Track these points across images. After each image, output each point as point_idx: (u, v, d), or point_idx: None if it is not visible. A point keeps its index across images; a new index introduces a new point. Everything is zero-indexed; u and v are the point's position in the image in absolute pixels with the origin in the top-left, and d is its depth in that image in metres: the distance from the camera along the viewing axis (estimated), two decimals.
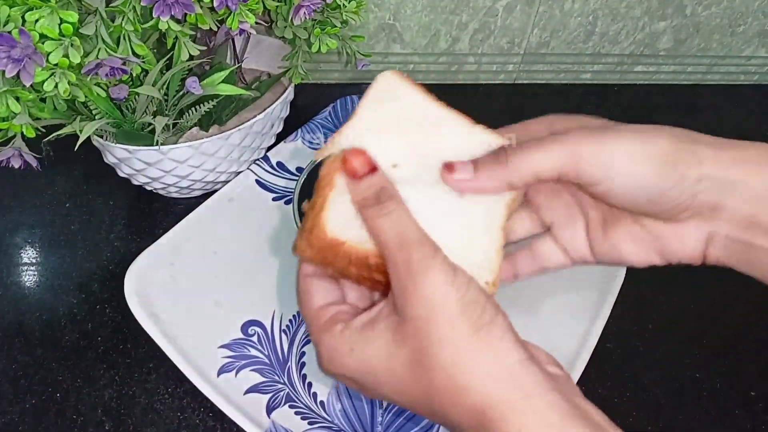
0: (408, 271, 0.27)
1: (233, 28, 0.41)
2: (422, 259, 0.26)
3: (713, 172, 0.27)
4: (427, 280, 0.26)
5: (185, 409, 0.43)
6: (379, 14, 0.63)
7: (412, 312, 0.26)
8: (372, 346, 0.27)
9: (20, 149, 0.42)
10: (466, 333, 0.25)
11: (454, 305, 0.26)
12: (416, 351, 0.26)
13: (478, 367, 0.25)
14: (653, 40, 0.69)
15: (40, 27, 0.34)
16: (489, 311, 0.26)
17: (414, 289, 0.26)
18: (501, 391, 0.25)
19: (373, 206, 0.28)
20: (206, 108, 0.47)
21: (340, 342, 0.28)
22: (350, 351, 0.28)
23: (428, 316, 0.26)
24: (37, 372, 0.45)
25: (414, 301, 0.26)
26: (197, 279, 0.48)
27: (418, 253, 0.27)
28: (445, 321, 0.26)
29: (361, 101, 0.32)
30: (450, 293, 0.26)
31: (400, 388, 0.27)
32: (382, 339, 0.27)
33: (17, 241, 0.53)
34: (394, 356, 0.27)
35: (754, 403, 0.46)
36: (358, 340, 0.28)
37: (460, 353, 0.25)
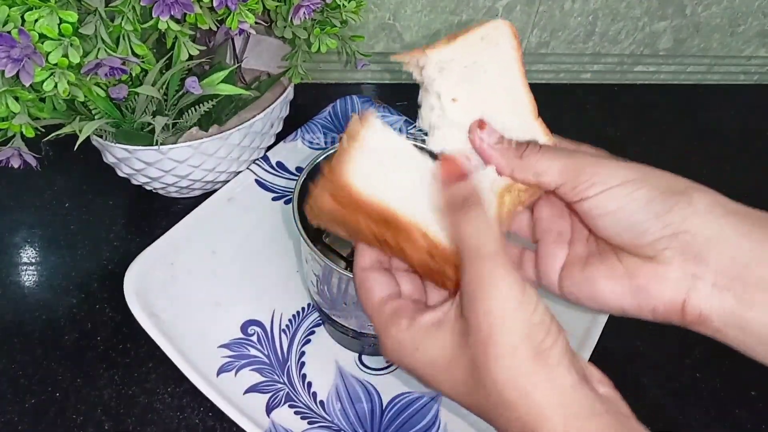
0: (479, 281, 0.27)
1: (233, 27, 0.41)
2: (494, 273, 0.27)
3: (705, 215, 0.27)
4: (497, 294, 0.26)
5: (185, 408, 0.43)
6: (379, 14, 0.63)
7: (477, 323, 0.26)
8: (436, 347, 0.28)
9: (20, 149, 0.42)
10: (526, 356, 0.26)
11: (519, 326, 0.26)
12: (475, 362, 0.26)
13: (531, 387, 0.25)
14: (653, 40, 0.69)
15: (40, 27, 0.34)
16: (552, 334, 0.26)
17: (482, 300, 0.26)
18: (551, 412, 0.25)
19: (459, 210, 0.29)
20: (206, 108, 0.47)
21: (406, 338, 0.29)
22: (414, 350, 0.29)
23: (491, 331, 0.26)
24: (37, 372, 0.45)
25: (480, 313, 0.26)
26: (197, 279, 0.48)
27: (491, 265, 0.27)
28: (507, 341, 0.26)
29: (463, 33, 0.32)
30: (518, 313, 0.26)
31: (457, 391, 0.28)
32: (447, 342, 0.28)
33: (17, 240, 0.53)
34: (455, 361, 0.27)
35: (754, 403, 0.46)
36: (423, 339, 0.29)
37: (515, 374, 0.26)
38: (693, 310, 0.28)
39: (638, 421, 0.27)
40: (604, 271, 0.31)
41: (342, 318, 0.42)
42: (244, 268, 0.50)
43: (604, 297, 0.31)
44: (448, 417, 0.42)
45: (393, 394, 0.43)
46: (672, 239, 0.28)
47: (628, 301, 0.30)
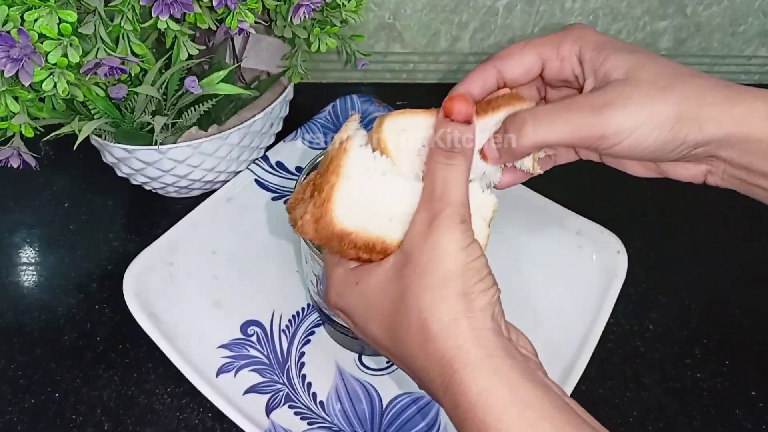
0: (431, 221, 0.28)
1: (232, 27, 0.41)
2: (450, 218, 0.28)
3: (713, 134, 0.29)
4: (445, 236, 0.28)
5: (184, 409, 0.43)
6: (379, 13, 0.63)
7: (419, 257, 0.28)
8: (373, 279, 0.29)
9: (19, 149, 0.42)
10: (455, 292, 0.27)
11: (457, 264, 0.27)
12: (405, 289, 0.28)
13: (452, 321, 0.27)
14: (654, 39, 0.69)
15: (39, 26, 0.34)
16: (485, 282, 0.28)
17: (430, 238, 0.28)
18: (467, 347, 0.26)
19: (442, 152, 0.30)
20: (205, 107, 0.47)
21: (350, 275, 0.30)
22: (355, 284, 0.30)
23: (429, 263, 0.27)
24: (36, 372, 0.45)
25: (425, 248, 0.28)
26: (196, 279, 0.48)
27: (450, 211, 0.28)
28: (442, 273, 0.27)
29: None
30: (459, 255, 0.28)
31: (382, 322, 0.29)
32: (384, 273, 0.29)
33: (16, 240, 0.53)
34: (387, 291, 0.29)
35: (754, 403, 0.46)
36: (364, 274, 0.30)
37: (441, 304, 0.27)
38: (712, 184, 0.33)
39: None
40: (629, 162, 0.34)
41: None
42: (243, 268, 0.50)
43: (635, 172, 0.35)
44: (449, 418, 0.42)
45: (393, 395, 0.43)
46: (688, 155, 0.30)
47: (654, 175, 0.34)
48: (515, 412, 0.25)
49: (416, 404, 0.43)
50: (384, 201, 0.30)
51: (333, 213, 0.29)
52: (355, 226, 0.29)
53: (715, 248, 0.56)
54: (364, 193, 0.30)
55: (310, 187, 0.31)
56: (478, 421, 0.25)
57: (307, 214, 0.30)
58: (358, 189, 0.29)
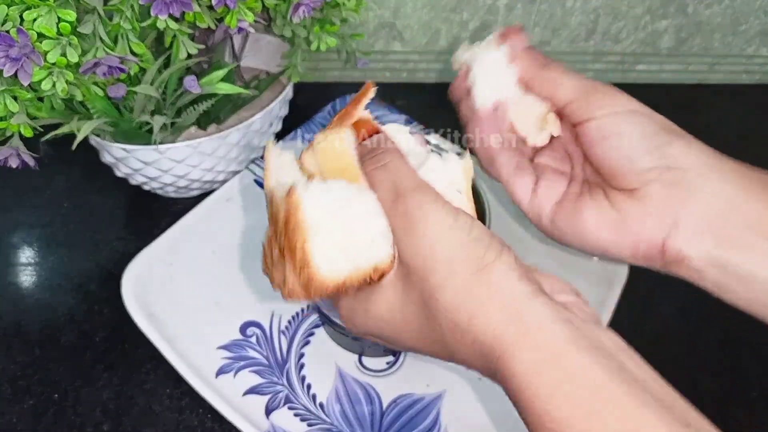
0: (406, 220, 0.26)
1: (232, 26, 0.41)
2: (420, 206, 0.26)
3: (698, 155, 0.29)
4: (426, 226, 0.26)
5: (184, 410, 0.43)
6: (379, 12, 0.63)
7: (414, 262, 0.26)
8: (384, 301, 0.28)
9: (18, 149, 0.42)
10: (467, 274, 0.25)
11: (456, 248, 0.25)
12: (422, 297, 0.26)
13: (478, 306, 0.25)
14: (655, 38, 0.69)
15: (38, 26, 0.34)
16: (494, 248, 0.26)
17: (413, 237, 0.26)
18: (501, 329, 0.24)
19: (369, 158, 0.29)
20: (204, 107, 0.47)
21: (354, 304, 0.29)
22: (365, 312, 0.28)
23: (426, 262, 0.26)
24: (36, 372, 0.45)
25: (413, 249, 0.26)
26: (195, 279, 0.48)
27: (414, 200, 0.26)
28: (444, 265, 0.25)
29: None
30: (453, 236, 0.26)
31: (417, 335, 0.27)
32: (392, 291, 0.27)
33: (15, 241, 0.53)
34: (407, 305, 0.27)
35: (754, 403, 0.46)
36: (369, 300, 0.28)
37: (460, 295, 0.25)
38: (673, 249, 0.29)
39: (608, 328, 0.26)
40: (591, 204, 0.31)
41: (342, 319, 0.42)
42: (243, 268, 0.49)
43: (589, 231, 0.31)
44: (450, 419, 0.42)
45: (393, 396, 0.43)
46: (663, 172, 0.29)
47: (611, 237, 0.30)
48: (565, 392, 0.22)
49: (416, 405, 0.43)
50: (359, 226, 0.28)
51: (319, 273, 0.27)
52: (346, 271, 0.27)
53: None
54: (336, 233, 0.27)
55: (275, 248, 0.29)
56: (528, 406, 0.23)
57: (291, 281, 0.28)
58: (329, 234, 0.27)
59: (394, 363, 0.45)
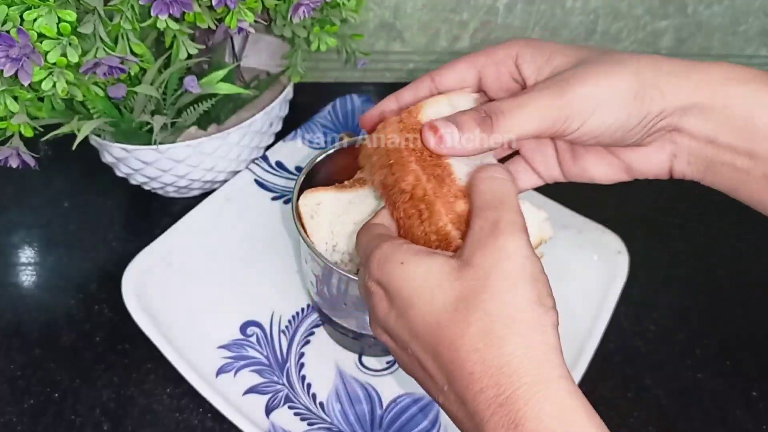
0: (493, 228, 0.27)
1: (232, 26, 0.41)
2: (512, 223, 0.27)
3: (675, 101, 0.30)
4: (510, 240, 0.26)
5: (184, 409, 0.43)
6: (379, 12, 0.63)
7: (482, 261, 0.26)
8: (423, 269, 0.27)
9: (18, 149, 0.42)
10: (527, 298, 0.25)
11: (525, 271, 0.26)
12: (468, 290, 0.26)
13: (523, 327, 0.25)
14: (655, 38, 0.69)
15: (39, 26, 0.34)
16: (551, 300, 0.27)
17: (494, 243, 0.26)
18: (539, 360, 0.24)
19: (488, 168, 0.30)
20: (205, 107, 0.47)
21: (397, 252, 0.28)
22: (400, 264, 0.28)
23: (496, 267, 0.26)
24: (35, 372, 0.45)
25: (489, 252, 0.26)
26: (195, 279, 0.48)
27: (510, 217, 0.27)
28: (511, 277, 0.26)
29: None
30: (527, 262, 0.26)
31: (429, 323, 0.27)
32: (438, 268, 0.27)
33: (15, 241, 0.53)
34: (442, 288, 0.26)
35: (755, 403, 0.46)
36: (413, 258, 0.28)
37: (512, 309, 0.25)
38: (678, 174, 0.33)
39: None
40: (592, 159, 0.34)
41: (342, 319, 0.42)
42: (243, 268, 0.49)
43: (600, 178, 0.35)
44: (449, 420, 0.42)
45: (393, 396, 0.43)
46: (652, 128, 0.31)
47: (622, 176, 0.34)
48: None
49: (417, 405, 0.43)
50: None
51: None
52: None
53: (715, 248, 0.56)
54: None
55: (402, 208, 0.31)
56: None
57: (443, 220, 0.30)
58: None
59: (394, 362, 0.45)
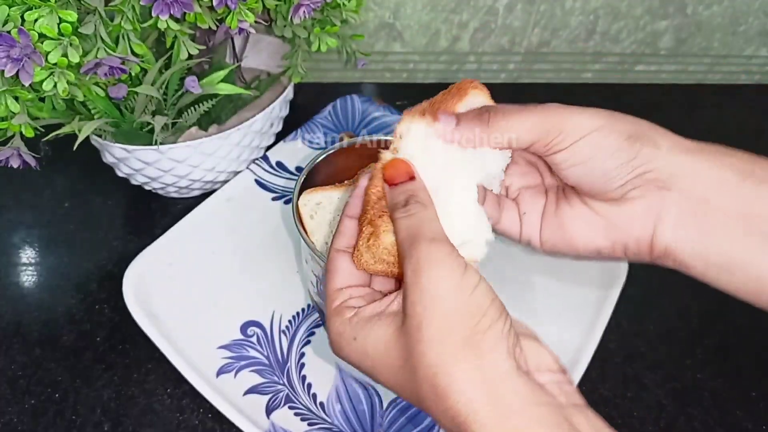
0: (416, 267, 0.27)
1: (232, 27, 0.41)
2: (430, 256, 0.26)
3: (667, 155, 0.29)
4: (431, 277, 0.26)
5: (184, 409, 0.43)
6: (379, 13, 0.63)
7: (413, 310, 0.26)
8: (372, 338, 0.28)
9: (19, 149, 0.42)
10: (458, 341, 0.25)
11: (453, 308, 0.25)
12: (409, 347, 0.26)
13: (462, 373, 0.25)
14: (654, 39, 0.69)
15: (40, 26, 0.34)
16: (490, 316, 0.26)
17: (418, 286, 0.26)
18: (481, 404, 0.24)
19: (400, 209, 0.29)
20: (205, 107, 0.47)
21: (347, 328, 0.29)
22: (353, 339, 0.28)
23: (425, 314, 0.26)
24: (36, 372, 0.45)
25: (416, 297, 0.26)
26: (196, 279, 0.48)
27: (427, 250, 0.27)
28: (440, 321, 0.25)
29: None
30: (452, 295, 0.26)
31: (394, 381, 0.28)
32: (382, 332, 0.27)
33: (15, 240, 0.53)
34: (391, 350, 0.27)
35: (754, 403, 0.46)
36: (362, 330, 0.28)
37: (447, 356, 0.25)
38: (660, 245, 0.30)
39: (588, 408, 0.26)
40: (576, 214, 0.32)
41: None
42: (243, 268, 0.49)
43: (579, 239, 0.32)
44: None
45: (393, 396, 0.43)
46: (638, 180, 0.29)
47: (601, 241, 0.31)
48: None
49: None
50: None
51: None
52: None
53: None
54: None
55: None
56: None
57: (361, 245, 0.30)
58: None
59: None
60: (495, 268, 0.47)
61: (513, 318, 0.27)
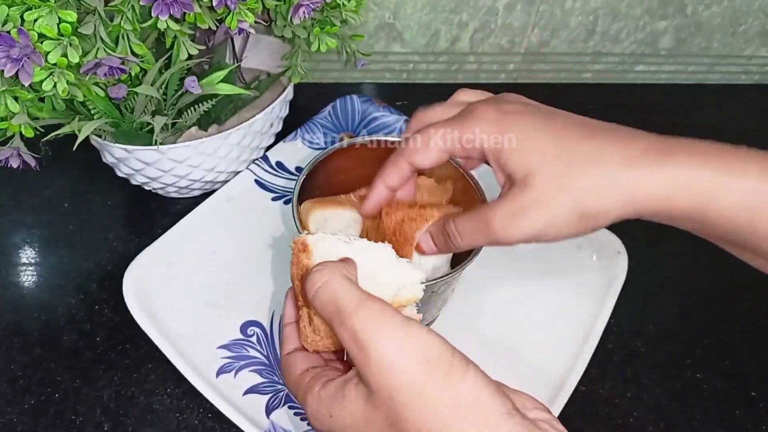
0: (356, 342, 0.26)
1: (232, 27, 0.41)
2: (366, 326, 0.26)
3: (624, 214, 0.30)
4: (378, 348, 0.25)
5: (184, 409, 0.43)
6: (379, 13, 0.63)
7: (375, 384, 0.25)
8: (348, 413, 0.27)
9: (19, 149, 0.42)
10: (434, 392, 0.25)
11: (415, 369, 0.25)
12: (389, 416, 0.25)
13: (450, 426, 0.24)
14: (654, 39, 0.69)
15: (39, 26, 0.34)
16: (457, 365, 0.25)
17: (368, 360, 0.25)
18: None
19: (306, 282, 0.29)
20: (205, 107, 0.47)
21: (320, 406, 0.28)
22: (329, 416, 0.28)
23: (390, 386, 0.25)
24: (36, 372, 0.45)
25: (372, 373, 0.25)
26: (196, 279, 0.48)
27: (359, 320, 0.26)
28: (408, 387, 0.25)
29: None
30: (406, 356, 0.25)
31: None
32: (355, 406, 0.27)
33: (15, 241, 0.53)
34: (372, 422, 0.26)
35: (754, 403, 0.46)
36: (334, 405, 0.28)
37: (429, 414, 0.24)
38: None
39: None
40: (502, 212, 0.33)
41: None
42: (243, 268, 0.49)
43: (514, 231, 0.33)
44: None
45: None
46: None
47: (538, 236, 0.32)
48: None
49: None
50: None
51: None
52: None
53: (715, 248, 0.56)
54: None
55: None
56: None
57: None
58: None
59: None
60: (494, 269, 0.47)
61: None
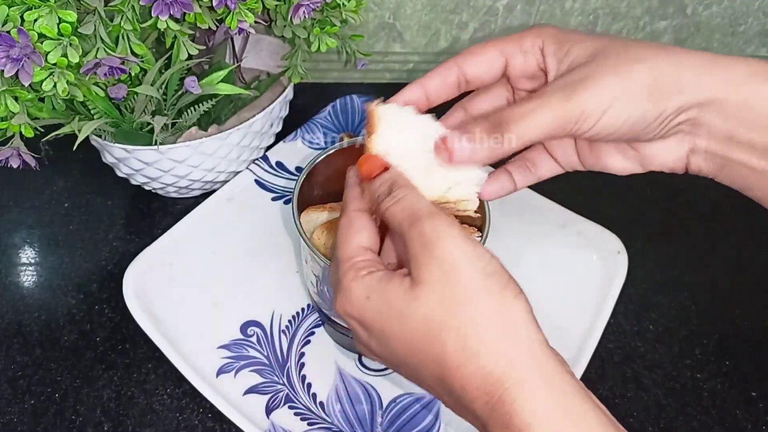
0: (421, 241, 0.27)
1: (232, 27, 0.41)
2: (435, 229, 0.27)
3: (693, 97, 0.29)
4: (444, 246, 0.26)
5: (184, 409, 0.43)
6: (379, 13, 0.63)
7: (429, 277, 0.26)
8: (385, 300, 0.28)
9: (19, 149, 0.42)
10: (490, 301, 0.26)
11: (476, 272, 0.26)
12: (434, 311, 0.26)
13: (497, 333, 0.25)
14: (654, 39, 0.69)
15: (39, 26, 0.34)
16: (512, 288, 0.26)
17: (430, 255, 0.26)
18: (520, 362, 0.25)
19: (385, 199, 0.29)
20: (205, 107, 0.47)
21: (361, 285, 0.29)
22: (366, 298, 0.28)
23: (448, 278, 0.26)
24: (36, 372, 0.45)
25: (431, 266, 0.26)
26: (196, 279, 0.48)
27: (430, 224, 0.27)
28: (467, 283, 0.26)
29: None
30: (471, 261, 0.26)
31: (409, 348, 0.27)
32: (399, 295, 0.27)
33: (16, 241, 0.53)
34: (410, 314, 0.27)
35: (754, 403, 0.46)
36: (376, 289, 0.28)
37: (480, 317, 0.25)
38: (693, 169, 0.32)
39: None
40: (609, 150, 0.34)
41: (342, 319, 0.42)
42: (243, 268, 0.49)
43: (617, 169, 0.34)
44: (449, 418, 0.42)
45: (393, 396, 0.43)
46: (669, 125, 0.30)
47: (638, 168, 0.33)
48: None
49: (416, 405, 0.43)
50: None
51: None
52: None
53: (715, 248, 0.56)
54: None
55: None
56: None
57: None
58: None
59: None
60: None
61: None
